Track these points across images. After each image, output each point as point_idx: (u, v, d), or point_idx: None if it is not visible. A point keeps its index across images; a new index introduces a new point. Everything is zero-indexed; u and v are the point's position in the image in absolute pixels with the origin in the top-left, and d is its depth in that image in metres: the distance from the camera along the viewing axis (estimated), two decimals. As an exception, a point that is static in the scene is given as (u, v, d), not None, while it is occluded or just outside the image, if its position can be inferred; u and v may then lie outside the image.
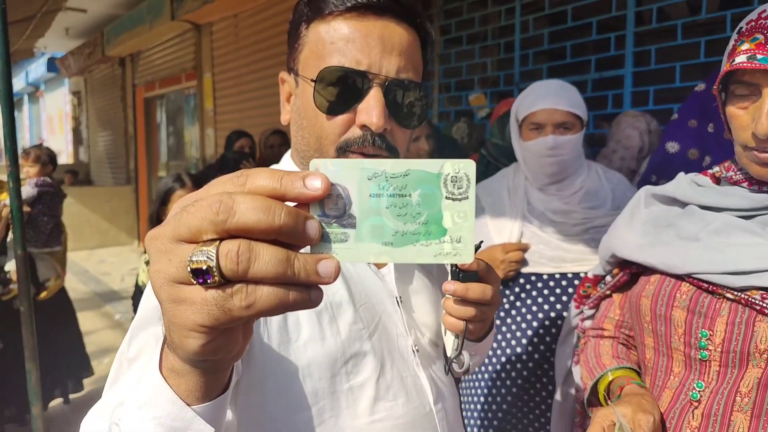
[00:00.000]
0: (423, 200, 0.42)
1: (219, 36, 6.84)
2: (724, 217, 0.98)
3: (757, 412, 0.88)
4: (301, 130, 0.84)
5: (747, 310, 0.90)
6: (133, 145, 9.79)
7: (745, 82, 0.89)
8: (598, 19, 3.21)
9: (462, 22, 3.97)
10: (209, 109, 7.15)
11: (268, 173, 0.40)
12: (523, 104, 1.73)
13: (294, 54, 0.84)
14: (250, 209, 0.37)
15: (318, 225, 0.40)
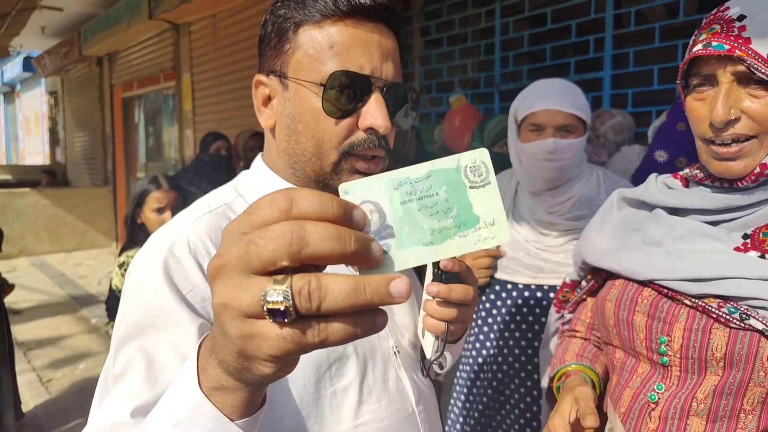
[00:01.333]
0: (450, 195, 0.44)
1: (197, 36, 6.77)
2: (689, 222, 0.97)
3: (713, 417, 0.89)
4: (294, 135, 0.83)
5: (704, 317, 0.90)
6: (110, 146, 9.65)
7: (703, 73, 0.90)
8: (577, 22, 3.22)
9: (442, 23, 3.96)
10: (188, 109, 7.06)
11: (316, 198, 0.39)
12: (523, 104, 1.62)
13: (279, 56, 0.83)
14: (323, 239, 0.38)
15: (379, 246, 0.41)
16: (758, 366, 0.85)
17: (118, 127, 9.57)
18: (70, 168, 11.90)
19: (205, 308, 0.74)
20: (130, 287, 0.77)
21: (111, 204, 9.66)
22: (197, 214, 0.83)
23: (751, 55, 0.83)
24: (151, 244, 0.80)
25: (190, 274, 0.75)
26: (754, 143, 0.87)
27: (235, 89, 6.02)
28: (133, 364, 0.69)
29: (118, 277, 2.45)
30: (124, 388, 0.67)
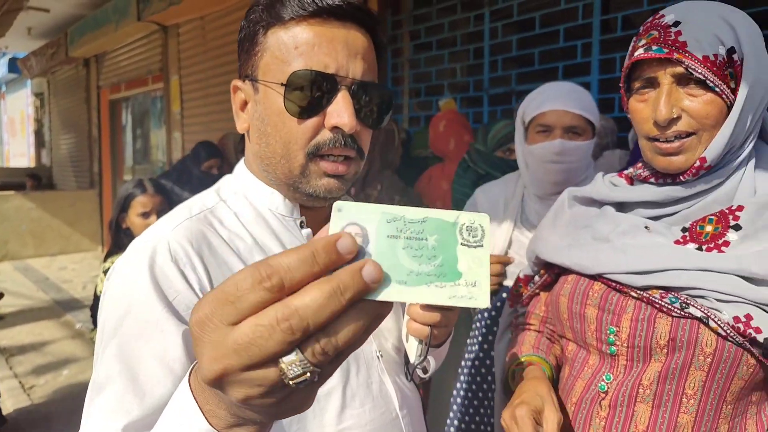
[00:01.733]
0: (439, 245, 0.43)
1: (186, 38, 6.73)
2: (633, 218, 1.03)
3: (657, 402, 0.94)
4: (264, 137, 0.83)
5: (649, 307, 0.95)
6: (97, 148, 9.56)
7: (644, 76, 0.96)
8: (565, 27, 3.24)
9: (431, 27, 3.97)
10: (176, 112, 7.02)
11: (297, 260, 0.38)
12: (531, 105, 1.61)
13: (251, 60, 0.83)
14: (319, 310, 0.37)
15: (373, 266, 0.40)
16: (698, 351, 0.90)
17: (105, 130, 9.48)
18: (55, 170, 11.78)
19: (190, 315, 0.73)
20: (113, 296, 0.75)
21: (97, 207, 9.56)
22: (178, 220, 0.82)
23: (688, 57, 0.90)
24: (132, 252, 0.78)
25: (173, 281, 0.74)
26: (694, 139, 0.94)
27: (224, 92, 5.98)
28: (119, 376, 0.68)
29: (103, 283, 2.41)
30: (112, 402, 0.67)
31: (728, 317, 0.88)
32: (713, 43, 0.90)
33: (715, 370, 0.90)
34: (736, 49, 0.91)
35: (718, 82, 0.90)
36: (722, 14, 0.93)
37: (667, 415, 0.93)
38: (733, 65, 0.91)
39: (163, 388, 0.68)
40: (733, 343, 0.88)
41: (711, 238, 0.94)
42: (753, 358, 0.88)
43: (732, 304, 0.89)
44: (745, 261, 0.89)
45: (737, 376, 0.89)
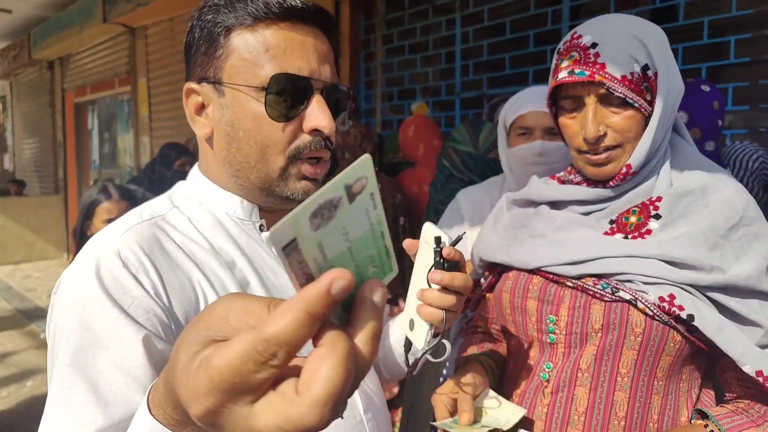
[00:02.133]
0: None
1: (154, 40, 6.62)
2: (566, 214, 1.11)
3: (594, 385, 1.01)
4: (235, 142, 0.81)
5: (584, 295, 1.03)
6: (62, 153, 9.32)
7: (570, 96, 1.04)
8: (535, 32, 3.28)
9: (404, 31, 3.98)
10: (144, 115, 6.89)
11: (294, 326, 0.34)
12: (511, 109, 1.63)
13: (211, 62, 0.80)
14: (346, 380, 0.35)
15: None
16: (629, 331, 0.98)
17: (70, 134, 9.26)
18: (18, 176, 11.44)
19: (150, 320, 0.71)
20: (65, 306, 0.72)
21: (62, 213, 9.32)
22: (126, 225, 0.79)
23: (608, 78, 0.97)
24: (80, 261, 0.75)
25: (128, 287, 0.71)
26: (619, 150, 1.03)
27: (193, 95, 5.90)
28: (79, 388, 0.65)
29: None
30: (76, 414, 0.64)
31: (654, 298, 0.96)
32: (628, 62, 0.98)
33: (645, 348, 0.97)
34: (649, 65, 0.99)
35: (636, 98, 0.99)
36: (634, 32, 1.00)
37: (604, 395, 1.00)
38: (647, 80, 0.99)
39: (126, 396, 0.66)
40: (659, 322, 0.96)
41: (635, 227, 1.03)
42: (678, 334, 0.96)
43: (656, 286, 0.97)
44: (666, 246, 0.98)
45: (665, 352, 0.97)
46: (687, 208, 1.01)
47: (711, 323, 0.93)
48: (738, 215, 1.00)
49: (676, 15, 2.76)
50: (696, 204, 1.01)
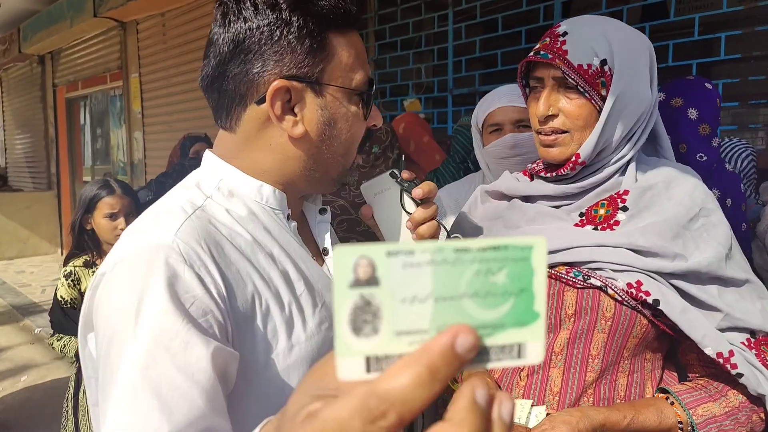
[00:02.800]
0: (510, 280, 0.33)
1: (146, 35, 6.57)
2: (537, 207, 1.16)
3: (567, 366, 1.07)
4: (328, 140, 0.85)
5: (557, 283, 1.08)
6: (54, 149, 9.25)
7: (535, 77, 1.10)
8: (527, 28, 3.29)
9: (396, 27, 3.98)
10: (137, 111, 6.85)
11: (413, 385, 0.29)
12: (480, 110, 1.70)
13: (310, 62, 0.79)
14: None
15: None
16: (600, 316, 1.04)
17: (62, 129, 9.18)
18: (10, 171, 11.37)
19: (208, 321, 0.69)
20: (120, 303, 0.69)
21: (55, 209, 9.27)
22: (176, 222, 0.75)
23: (565, 63, 1.03)
24: (135, 256, 0.72)
25: (190, 286, 0.69)
26: (567, 136, 1.08)
27: (187, 90, 5.87)
28: (143, 393, 0.63)
29: (64, 287, 2.34)
30: (140, 422, 0.63)
31: (622, 284, 1.02)
32: (589, 54, 1.03)
33: (614, 331, 1.04)
34: (608, 61, 1.04)
35: (588, 88, 1.04)
36: (604, 30, 1.06)
37: (576, 375, 1.06)
38: (604, 75, 1.04)
39: (190, 401, 0.64)
40: (628, 307, 1.02)
41: (604, 219, 1.09)
42: (645, 318, 1.03)
43: (625, 273, 1.03)
44: (633, 236, 1.03)
45: (632, 335, 1.04)
46: (651, 200, 1.08)
47: (675, 307, 1.00)
48: (697, 207, 1.07)
49: (667, 12, 2.78)
50: (659, 197, 1.08)
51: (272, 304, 0.78)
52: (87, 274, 2.36)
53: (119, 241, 0.77)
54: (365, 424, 0.29)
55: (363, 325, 0.30)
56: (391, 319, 0.30)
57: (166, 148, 6.09)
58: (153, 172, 6.64)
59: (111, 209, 2.33)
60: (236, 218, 0.82)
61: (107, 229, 2.32)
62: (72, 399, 2.39)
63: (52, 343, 2.39)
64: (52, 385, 4.17)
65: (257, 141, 0.84)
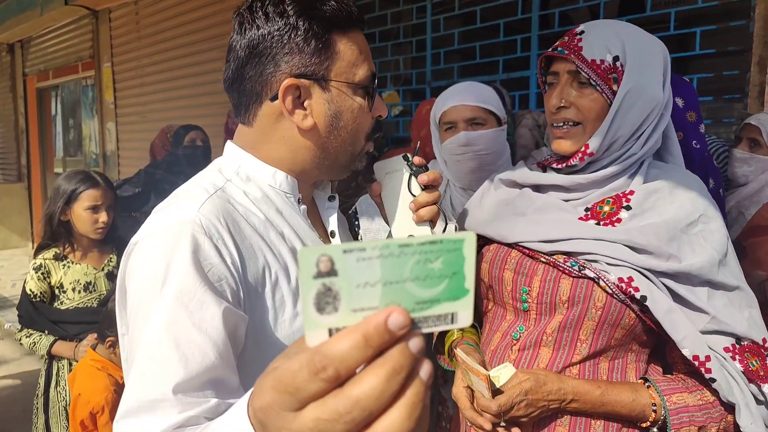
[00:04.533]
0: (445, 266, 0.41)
1: (118, 23, 6.43)
2: (545, 197, 1.22)
3: (557, 347, 1.13)
4: (335, 131, 0.95)
5: (555, 270, 1.14)
6: (24, 140, 9.05)
7: (552, 72, 1.17)
8: (505, 21, 3.28)
9: (374, 18, 3.95)
10: (109, 101, 6.72)
11: (350, 347, 0.37)
12: (436, 107, 1.76)
13: (316, 61, 0.90)
14: (380, 398, 0.37)
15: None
16: (591, 305, 1.09)
17: (33, 120, 8.99)
18: (-21, 162, 11.11)
19: (222, 286, 0.80)
20: (149, 269, 0.80)
21: (26, 202, 9.07)
22: (200, 199, 0.87)
23: (579, 58, 1.10)
24: (163, 229, 0.82)
25: (208, 254, 0.80)
26: (579, 128, 1.14)
27: (160, 80, 5.78)
28: (165, 344, 0.75)
29: (33, 280, 2.28)
30: (160, 368, 0.74)
31: (614, 278, 1.07)
32: (602, 50, 1.09)
33: (603, 321, 1.09)
34: (620, 58, 1.09)
35: (600, 82, 1.09)
36: (618, 31, 1.12)
37: (564, 356, 1.13)
38: (616, 71, 1.09)
39: (203, 353, 0.75)
40: (617, 300, 1.07)
41: (607, 215, 1.14)
42: (633, 312, 1.08)
43: (618, 268, 1.08)
44: (631, 233, 1.08)
45: (620, 326, 1.09)
46: (655, 202, 1.12)
47: (660, 306, 1.04)
48: (698, 212, 1.11)
49: (643, 6, 2.79)
50: (663, 200, 1.13)
51: (281, 276, 0.89)
52: (57, 267, 2.31)
53: (150, 217, 0.88)
54: (310, 374, 0.38)
55: (325, 306, 0.38)
56: (349, 300, 0.38)
57: (139, 139, 5.99)
58: (126, 163, 6.52)
59: (94, 201, 2.29)
60: (252, 199, 0.94)
61: (88, 221, 2.28)
62: (42, 396, 2.34)
63: (21, 338, 2.33)
64: (23, 381, 4.08)
65: (272, 134, 0.95)
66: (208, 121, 4.15)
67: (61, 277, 2.31)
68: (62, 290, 2.32)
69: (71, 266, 2.32)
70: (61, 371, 2.31)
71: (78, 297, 2.32)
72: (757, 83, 2.44)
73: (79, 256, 2.36)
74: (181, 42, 5.37)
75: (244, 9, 0.92)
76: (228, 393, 0.76)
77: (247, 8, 0.91)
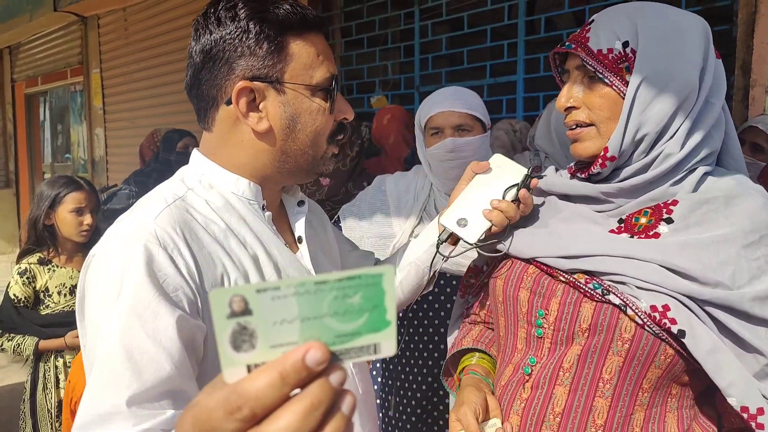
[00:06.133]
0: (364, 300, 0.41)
1: (107, 30, 6.43)
2: (575, 206, 1.05)
3: (575, 386, 0.95)
4: (293, 133, 0.93)
5: (575, 292, 0.96)
6: (12, 145, 9.01)
7: (564, 69, 1.04)
8: (492, 27, 3.30)
9: (363, 24, 3.96)
10: (98, 107, 6.70)
11: (266, 386, 0.37)
12: (422, 112, 1.75)
13: (270, 64, 0.90)
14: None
15: (340, 373, 0.40)
16: (616, 336, 0.91)
17: (21, 125, 8.95)
18: (-34, 169, 11.03)
19: (178, 296, 0.79)
20: (103, 281, 0.79)
21: (14, 207, 9.01)
22: (157, 209, 0.86)
23: (584, 51, 0.95)
24: (117, 239, 0.83)
25: (162, 266, 0.79)
26: (593, 129, 0.98)
27: (149, 86, 5.77)
28: (117, 356, 0.73)
29: (18, 285, 2.28)
30: (114, 380, 0.72)
31: (645, 306, 0.88)
32: (610, 38, 0.94)
33: (632, 357, 0.90)
34: (630, 42, 0.93)
35: (608, 74, 0.94)
36: (631, 12, 0.95)
37: (583, 398, 0.94)
38: (627, 59, 0.93)
39: (158, 364, 0.74)
40: (650, 333, 0.88)
41: (644, 229, 0.96)
42: (671, 348, 0.88)
43: (651, 293, 0.89)
44: (669, 252, 0.90)
45: (654, 364, 0.90)
46: (705, 216, 0.93)
47: (703, 344, 0.85)
48: (760, 233, 0.90)
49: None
50: (716, 213, 0.93)
51: (240, 284, 0.88)
52: (42, 271, 2.31)
53: (109, 228, 0.87)
54: (225, 414, 0.37)
55: (242, 344, 0.38)
56: (266, 337, 0.38)
57: (128, 145, 5.97)
58: (115, 169, 6.50)
59: (78, 204, 2.29)
60: (213, 208, 0.93)
61: (72, 224, 2.28)
62: (29, 400, 2.32)
63: (2, 344, 2.31)
64: (9, 387, 4.04)
65: (230, 138, 0.95)
66: (196, 126, 4.14)
67: (47, 281, 2.31)
68: (47, 294, 2.32)
69: (56, 270, 2.33)
70: (47, 374, 2.31)
71: (63, 300, 2.33)
72: (741, 87, 2.47)
73: (64, 260, 2.36)
74: (170, 48, 5.36)
75: (200, 15, 0.93)
76: (186, 404, 0.73)
77: (203, 14, 0.92)
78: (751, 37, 2.40)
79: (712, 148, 0.97)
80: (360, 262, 1.30)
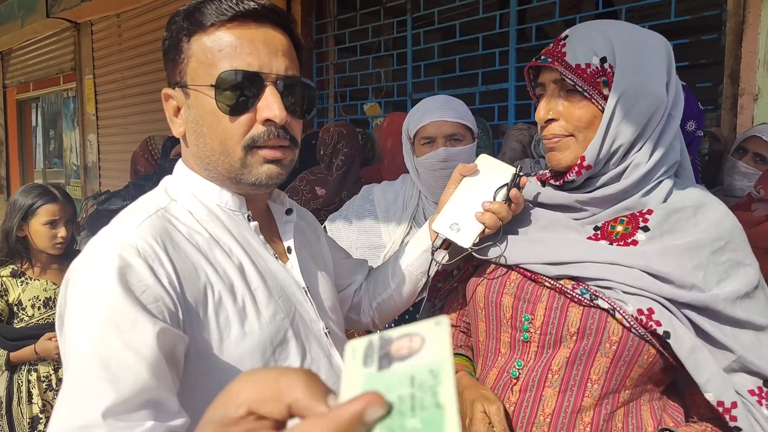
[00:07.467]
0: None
1: (100, 36, 6.42)
2: (551, 214, 1.10)
3: (564, 388, 0.99)
4: (201, 137, 0.88)
5: (562, 297, 1.01)
6: (4, 151, 8.95)
7: (539, 83, 1.06)
8: (484, 35, 3.33)
9: (356, 32, 3.98)
10: (91, 113, 6.67)
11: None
12: (412, 120, 1.74)
13: (178, 68, 0.88)
14: None
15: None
16: (604, 339, 0.96)
17: (13, 131, 8.90)
18: (-43, 175, 10.94)
19: (158, 307, 0.77)
20: (81, 292, 0.77)
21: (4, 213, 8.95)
22: (138, 220, 0.84)
23: (562, 65, 0.99)
24: (96, 251, 0.80)
25: (142, 276, 0.77)
26: (571, 140, 1.02)
27: (142, 92, 5.75)
28: (93, 366, 0.70)
29: None
30: (89, 391, 0.69)
31: (632, 309, 0.94)
32: (587, 53, 0.98)
33: (618, 358, 0.96)
34: (608, 58, 0.97)
35: (588, 88, 0.98)
36: (605, 30, 1.00)
37: (572, 399, 0.99)
38: (605, 74, 0.98)
39: (136, 373, 0.71)
40: (636, 335, 0.94)
41: (621, 236, 1.02)
42: (653, 348, 0.95)
43: (636, 297, 0.95)
44: (650, 258, 0.96)
45: (638, 364, 0.96)
46: (676, 224, 1.00)
47: (684, 344, 0.92)
48: (724, 239, 0.98)
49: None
50: (686, 222, 1.00)
51: (225, 295, 0.85)
52: (15, 284, 2.24)
53: (91, 239, 0.84)
54: None
55: None
56: None
57: (120, 151, 5.95)
58: (107, 175, 6.47)
59: (52, 216, 2.23)
60: (197, 218, 0.90)
61: (46, 236, 2.22)
62: (5, 414, 2.27)
63: None
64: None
65: (183, 147, 0.96)
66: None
67: (20, 294, 2.24)
68: (21, 307, 2.24)
69: (30, 282, 2.26)
70: (21, 387, 2.25)
71: (38, 313, 2.25)
72: (729, 95, 2.50)
73: (38, 272, 2.29)
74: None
75: None
76: (166, 415, 0.71)
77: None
78: (740, 47, 2.43)
79: (674, 159, 1.04)
80: (354, 270, 1.29)
